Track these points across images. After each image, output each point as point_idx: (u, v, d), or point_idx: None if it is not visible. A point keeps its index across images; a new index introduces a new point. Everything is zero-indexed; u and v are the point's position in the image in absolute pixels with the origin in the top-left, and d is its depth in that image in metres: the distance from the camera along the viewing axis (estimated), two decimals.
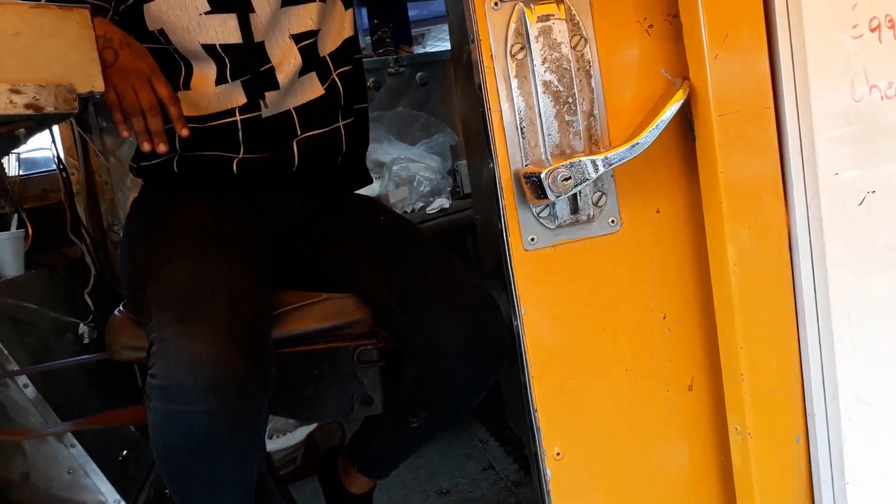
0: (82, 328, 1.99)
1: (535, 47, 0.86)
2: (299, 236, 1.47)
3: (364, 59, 2.70)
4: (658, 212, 0.93)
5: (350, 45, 1.48)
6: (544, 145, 0.88)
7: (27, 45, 0.98)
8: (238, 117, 1.38)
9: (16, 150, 2.17)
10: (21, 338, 1.79)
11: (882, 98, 0.85)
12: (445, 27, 2.56)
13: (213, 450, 1.15)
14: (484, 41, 0.87)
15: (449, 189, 2.42)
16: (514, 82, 0.88)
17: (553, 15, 0.87)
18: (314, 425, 1.93)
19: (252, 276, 1.26)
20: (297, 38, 1.39)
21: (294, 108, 1.41)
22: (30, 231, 2.05)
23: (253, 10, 1.35)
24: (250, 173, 1.40)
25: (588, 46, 0.89)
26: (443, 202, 2.35)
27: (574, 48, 0.88)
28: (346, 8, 1.48)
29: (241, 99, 1.37)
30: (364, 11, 2.97)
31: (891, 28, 0.84)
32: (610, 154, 0.86)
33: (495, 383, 1.37)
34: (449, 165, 2.52)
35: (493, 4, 0.87)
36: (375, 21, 2.80)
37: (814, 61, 0.84)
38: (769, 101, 0.86)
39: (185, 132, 1.25)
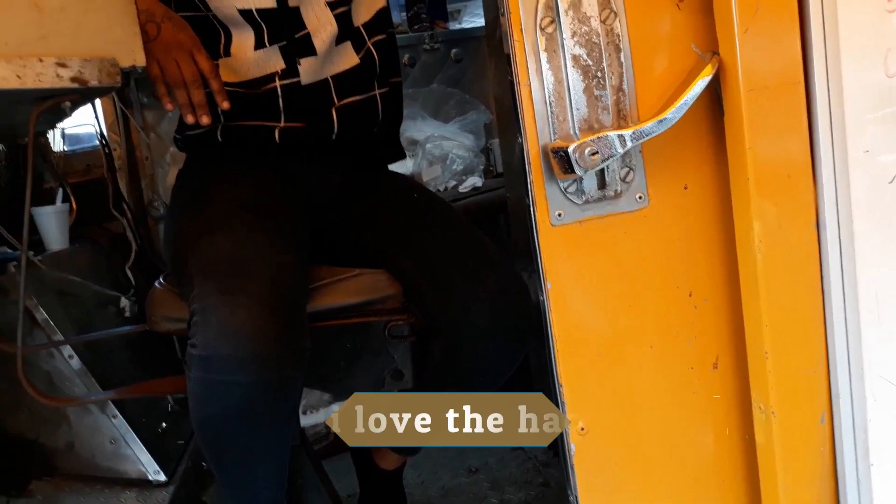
0: (123, 301, 2.04)
1: (565, 21, 0.86)
2: (336, 212, 1.49)
3: (399, 36, 2.71)
4: (686, 188, 0.92)
5: (383, 16, 1.49)
6: (572, 120, 0.88)
7: (73, 20, 1.01)
8: (278, 83, 1.40)
9: (60, 126, 2.22)
10: (66, 310, 1.84)
11: None
12: (481, 2, 2.55)
13: (251, 420, 1.17)
14: (514, 14, 0.86)
15: (482, 168, 2.41)
16: (544, 56, 0.87)
17: None
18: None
19: (292, 250, 1.28)
20: (332, 5, 1.41)
21: (331, 77, 1.43)
22: (73, 206, 2.10)
23: None
24: (292, 143, 1.42)
25: (618, 20, 0.88)
26: (475, 181, 2.34)
27: (604, 22, 0.87)
28: None
29: (280, 64, 1.40)
30: None
31: None
32: (638, 129, 0.84)
33: (524, 362, 1.38)
34: (482, 143, 2.50)
35: None
36: None
37: (846, 36, 0.82)
38: (799, 77, 0.84)
39: (225, 105, 1.28)
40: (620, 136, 0.84)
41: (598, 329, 0.93)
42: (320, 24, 1.39)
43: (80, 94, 1.06)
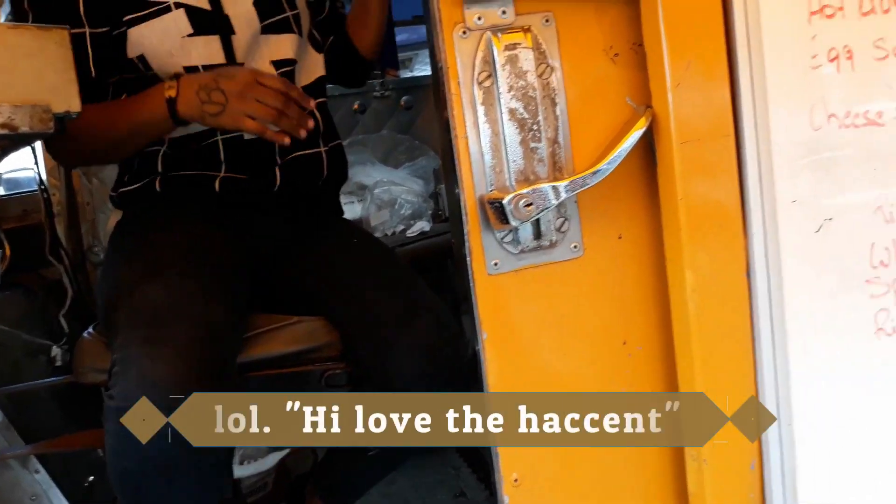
0: (55, 350, 1.97)
1: (502, 75, 0.87)
2: (279, 260, 1.48)
3: None
4: (620, 237, 0.93)
5: (321, 83, 1.53)
6: (509, 171, 0.88)
7: (4, 66, 0.98)
8: (219, 136, 1.39)
9: None
10: None
11: (840, 127, 0.86)
12: None
13: (171, 474, 1.13)
14: (452, 69, 0.87)
15: (430, 212, 2.43)
16: (481, 109, 0.88)
17: (520, 44, 0.87)
18: (286, 451, 1.91)
19: (225, 299, 1.26)
20: (276, 64, 1.42)
21: None
22: (7, 251, 2.04)
23: (234, 33, 1.37)
24: (232, 194, 1.41)
25: (554, 75, 0.89)
26: (423, 225, 2.35)
27: (540, 76, 0.88)
28: (318, 52, 1.54)
29: None
30: None
31: (849, 59, 0.85)
32: (572, 181, 0.86)
33: None
34: (431, 189, 2.53)
35: (461, 33, 0.87)
36: None
37: (773, 91, 0.84)
38: (730, 129, 0.86)
39: (311, 104, 1.28)
40: (555, 188, 0.85)
41: (532, 378, 0.92)
42: None
43: (10, 141, 1.04)
